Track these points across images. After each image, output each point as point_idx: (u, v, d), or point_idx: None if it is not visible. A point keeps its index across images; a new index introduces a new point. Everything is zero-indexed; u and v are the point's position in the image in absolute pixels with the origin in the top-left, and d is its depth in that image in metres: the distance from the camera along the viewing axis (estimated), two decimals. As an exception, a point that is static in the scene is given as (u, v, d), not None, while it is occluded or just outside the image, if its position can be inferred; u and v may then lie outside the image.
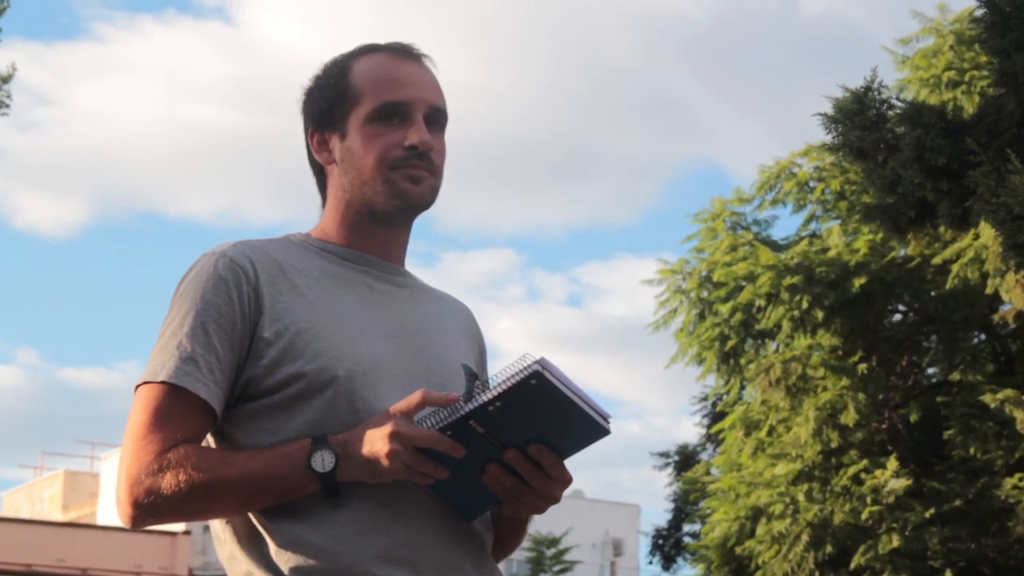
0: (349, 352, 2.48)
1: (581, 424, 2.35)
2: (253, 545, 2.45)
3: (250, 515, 2.45)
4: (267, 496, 2.41)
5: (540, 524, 30.63)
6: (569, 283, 78.31)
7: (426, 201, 2.61)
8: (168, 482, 2.37)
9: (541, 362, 2.27)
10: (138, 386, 2.46)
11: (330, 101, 2.62)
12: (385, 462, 2.34)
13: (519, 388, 2.27)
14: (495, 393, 2.28)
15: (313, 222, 2.69)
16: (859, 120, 9.32)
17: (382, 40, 2.68)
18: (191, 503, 2.39)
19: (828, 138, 9.68)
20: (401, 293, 2.64)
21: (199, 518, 2.47)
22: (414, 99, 2.58)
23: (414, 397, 2.35)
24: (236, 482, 2.39)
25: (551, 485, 2.41)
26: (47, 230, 69.52)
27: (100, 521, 36.53)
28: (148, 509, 2.39)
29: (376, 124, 2.57)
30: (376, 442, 2.34)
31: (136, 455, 2.40)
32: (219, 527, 2.52)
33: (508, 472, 2.39)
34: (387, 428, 2.33)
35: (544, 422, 2.33)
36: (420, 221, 2.67)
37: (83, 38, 70.46)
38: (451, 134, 2.67)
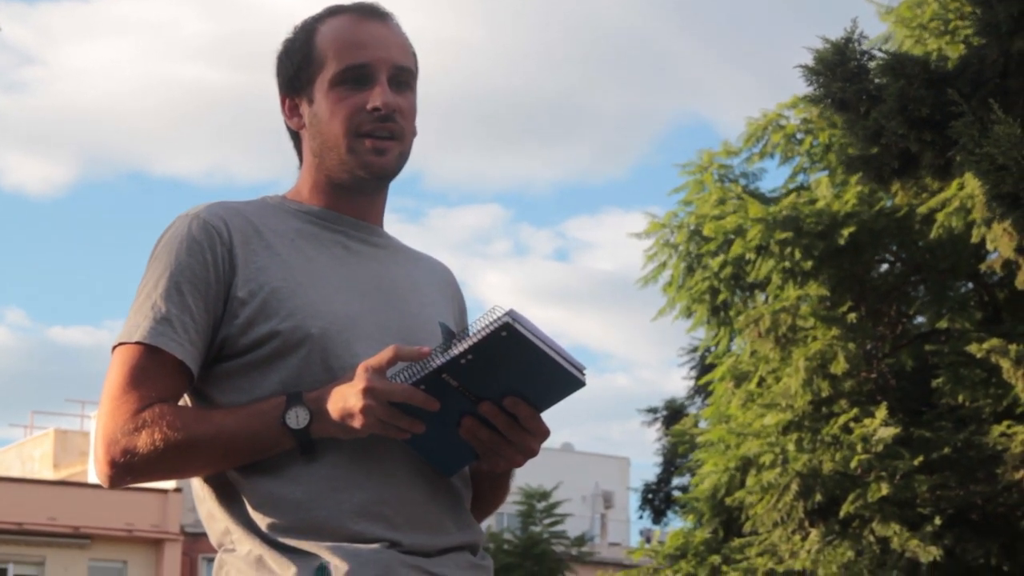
0: (323, 310, 2.49)
1: (555, 376, 2.35)
2: (230, 503, 2.47)
3: (226, 473, 2.47)
4: (243, 453, 2.42)
5: (530, 477, 30.68)
6: (556, 238, 78.38)
7: (391, 171, 2.61)
8: (144, 441, 2.39)
9: (511, 314, 2.27)
10: (114, 347, 2.47)
11: (297, 66, 2.62)
12: (359, 418, 2.34)
13: (490, 340, 2.27)
14: (466, 345, 2.29)
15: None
16: (840, 72, 9.32)
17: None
18: (167, 461, 2.41)
19: (812, 90, 9.69)
20: (378, 253, 2.65)
21: (176, 476, 2.49)
22: (376, 60, 2.57)
23: (386, 352, 2.35)
24: (211, 440, 2.40)
25: (527, 437, 2.42)
26: (34, 190, 69.43)
27: (91, 480, 36.57)
28: (125, 468, 2.41)
29: (340, 88, 2.57)
30: (349, 398, 2.35)
31: (112, 415, 2.42)
32: (198, 485, 2.53)
33: (484, 425, 2.40)
34: (360, 383, 2.34)
35: (518, 375, 2.34)
36: (406, 179, 2.69)
37: (68, -4, 70.10)
38: (436, 90, 2.65)
